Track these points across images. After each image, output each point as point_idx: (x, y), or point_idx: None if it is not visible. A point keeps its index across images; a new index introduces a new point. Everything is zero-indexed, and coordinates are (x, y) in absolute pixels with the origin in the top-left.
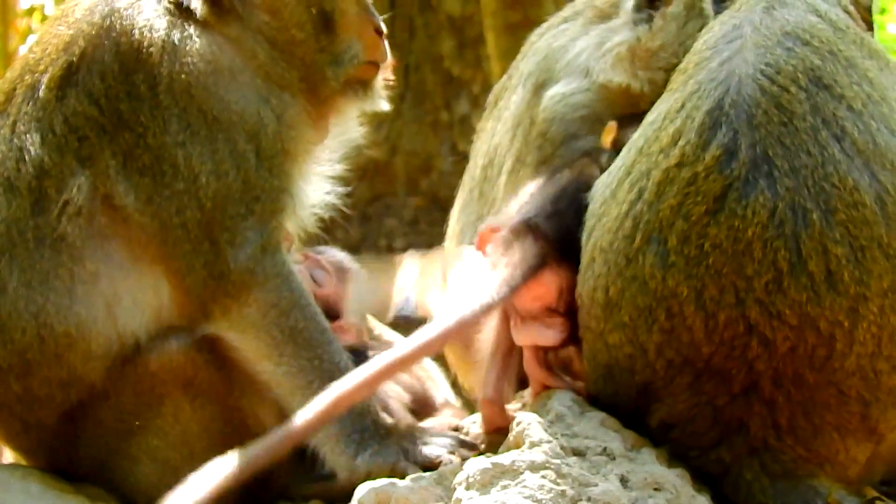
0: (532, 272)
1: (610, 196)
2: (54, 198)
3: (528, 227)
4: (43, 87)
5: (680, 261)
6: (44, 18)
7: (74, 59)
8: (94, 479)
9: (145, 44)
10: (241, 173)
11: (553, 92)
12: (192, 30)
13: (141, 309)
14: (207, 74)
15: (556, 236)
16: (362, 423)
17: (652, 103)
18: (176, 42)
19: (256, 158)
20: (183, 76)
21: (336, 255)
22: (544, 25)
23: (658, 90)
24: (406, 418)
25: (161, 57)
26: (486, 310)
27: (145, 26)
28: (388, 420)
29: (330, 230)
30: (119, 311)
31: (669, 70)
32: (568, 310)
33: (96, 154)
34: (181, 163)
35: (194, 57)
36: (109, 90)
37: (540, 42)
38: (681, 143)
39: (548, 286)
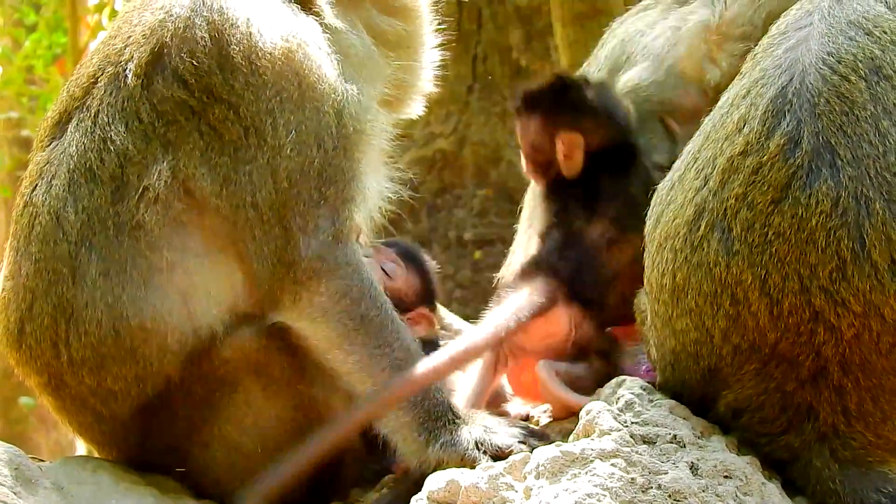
0: (542, 310)
1: (678, 181)
2: (135, 184)
3: (538, 267)
4: (130, 75)
5: (744, 249)
6: (113, 14)
7: (162, 42)
8: (164, 467)
9: (249, 17)
10: (320, 151)
11: (627, 77)
12: (294, 9)
13: (215, 301)
14: (307, 45)
15: (568, 277)
16: (435, 413)
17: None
18: (279, 17)
19: (336, 136)
20: (286, 43)
21: (407, 248)
22: (627, 14)
23: (730, 76)
24: (477, 408)
25: (261, 29)
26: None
27: (243, 2)
28: (460, 410)
29: (399, 222)
30: (194, 303)
31: (743, 56)
32: (583, 344)
33: (182, 137)
34: (268, 132)
35: (295, 29)
36: (200, 67)
37: (619, 28)
38: (745, 130)
39: (559, 324)
